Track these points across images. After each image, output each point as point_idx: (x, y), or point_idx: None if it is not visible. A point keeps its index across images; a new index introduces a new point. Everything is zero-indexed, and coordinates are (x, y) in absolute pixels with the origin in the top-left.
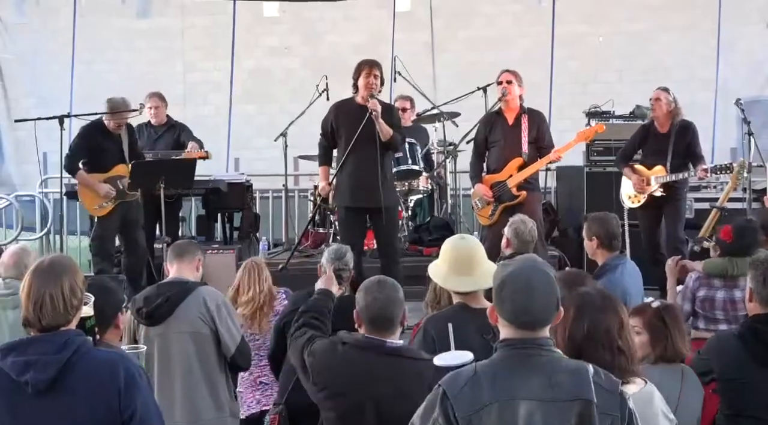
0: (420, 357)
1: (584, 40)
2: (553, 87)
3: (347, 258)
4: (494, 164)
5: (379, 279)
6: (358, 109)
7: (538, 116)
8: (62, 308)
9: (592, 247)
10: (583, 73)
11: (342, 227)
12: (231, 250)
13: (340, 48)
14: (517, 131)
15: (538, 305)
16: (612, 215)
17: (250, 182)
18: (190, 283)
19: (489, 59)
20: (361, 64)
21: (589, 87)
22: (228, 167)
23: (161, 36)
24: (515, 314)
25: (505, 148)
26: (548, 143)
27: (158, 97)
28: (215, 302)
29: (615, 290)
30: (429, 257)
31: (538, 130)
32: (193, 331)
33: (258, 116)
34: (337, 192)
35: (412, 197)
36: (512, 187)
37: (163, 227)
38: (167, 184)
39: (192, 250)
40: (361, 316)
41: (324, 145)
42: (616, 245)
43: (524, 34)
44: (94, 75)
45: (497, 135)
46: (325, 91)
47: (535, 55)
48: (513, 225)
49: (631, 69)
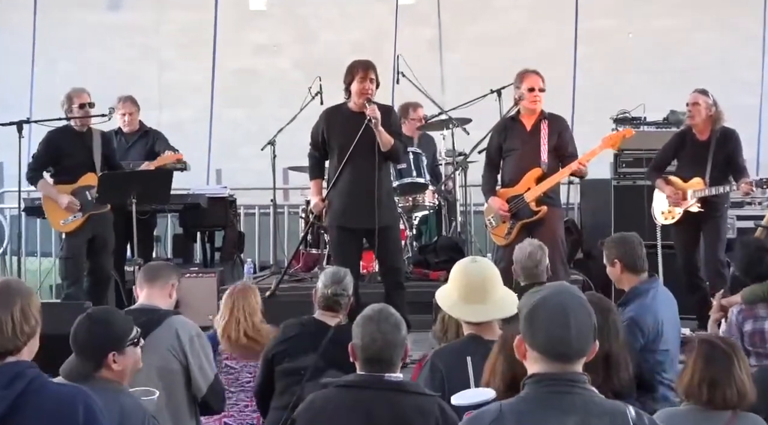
0: (423, 392)
1: (611, 37)
2: (576, 90)
3: (346, 283)
4: (510, 175)
5: (380, 312)
6: (352, 115)
7: (559, 121)
8: (10, 332)
9: (616, 273)
10: (610, 74)
11: (335, 249)
12: (212, 273)
13: (336, 46)
14: (536, 138)
15: (575, 334)
16: (632, 234)
17: (234, 197)
18: (161, 311)
19: (503, 58)
20: (353, 66)
21: (616, 90)
22: (209, 179)
23: (134, 32)
24: (550, 344)
25: (522, 158)
26: (571, 151)
27: (132, 102)
28: (188, 334)
29: (646, 317)
30: (436, 281)
31: (560, 137)
32: (162, 366)
33: (243, 122)
34: (329, 210)
35: (416, 213)
36: (530, 201)
37: (134, 247)
38: (140, 199)
39: (165, 273)
40: (357, 353)
41: (315, 156)
42: (642, 267)
43: (543, 30)
44: (58, 75)
45: (513, 143)
46: (319, 95)
47: (556, 53)
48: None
49: (664, 70)
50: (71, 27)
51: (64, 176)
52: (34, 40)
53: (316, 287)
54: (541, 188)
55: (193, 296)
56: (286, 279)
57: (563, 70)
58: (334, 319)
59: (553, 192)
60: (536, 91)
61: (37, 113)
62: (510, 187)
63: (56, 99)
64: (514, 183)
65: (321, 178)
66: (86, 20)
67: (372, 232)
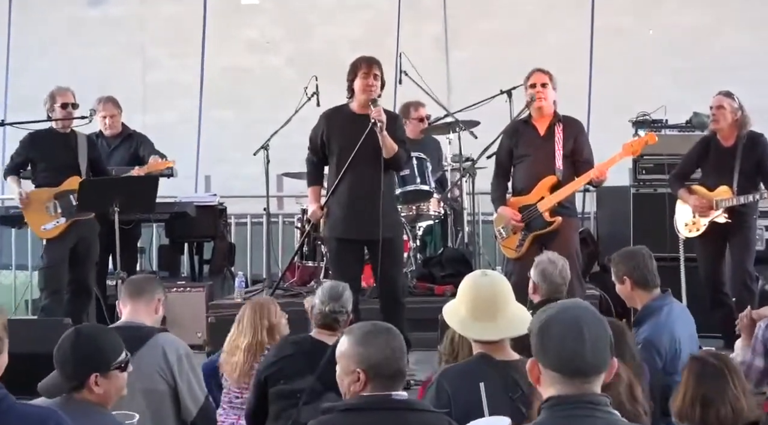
0: (431, 410)
1: (631, 34)
2: (593, 91)
3: (345, 299)
4: (521, 183)
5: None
6: (354, 118)
7: (575, 125)
8: None
9: (626, 290)
10: (630, 74)
11: (333, 262)
12: (200, 287)
13: (334, 43)
14: (550, 143)
15: (591, 347)
16: (640, 247)
17: (224, 205)
18: (147, 328)
19: (514, 57)
20: (356, 62)
21: (636, 91)
22: (197, 186)
23: (116, 27)
24: (564, 359)
25: (534, 164)
26: (587, 157)
27: (113, 103)
28: (176, 353)
29: (661, 336)
30: (441, 297)
31: (575, 142)
32: (148, 388)
33: (234, 125)
34: (327, 219)
35: (420, 223)
36: (544, 211)
37: (117, 259)
38: (123, 207)
39: (151, 287)
40: (367, 374)
41: (313, 161)
42: (653, 282)
43: (557, 26)
44: (35, 74)
45: (525, 148)
46: (315, 95)
47: (571, 51)
48: (539, 266)
49: (687, 69)
50: (49, 22)
51: (47, 179)
52: (9, 36)
53: (313, 303)
54: (555, 197)
55: (180, 313)
56: (280, 294)
57: (579, 70)
58: (332, 338)
59: (569, 201)
60: (537, 87)
61: (12, 115)
62: (522, 195)
63: (32, 99)
64: (527, 191)
65: (319, 185)
66: (65, 15)
67: (373, 243)
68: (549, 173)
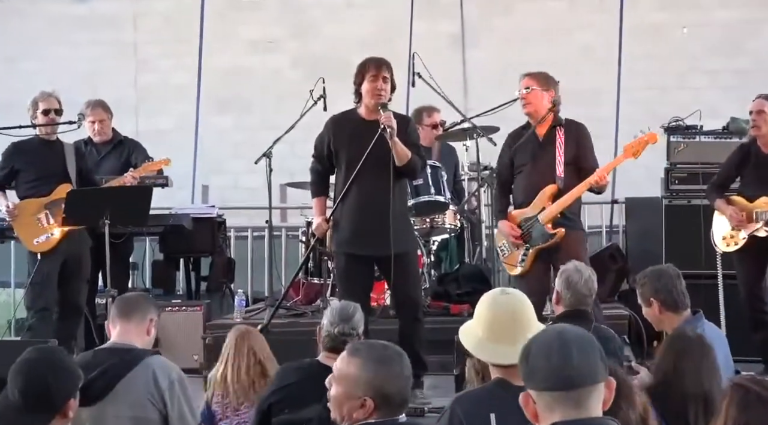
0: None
1: (663, 33)
2: (622, 94)
3: (356, 320)
4: (522, 194)
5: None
6: (363, 124)
7: (577, 128)
8: None
9: (654, 313)
10: (662, 75)
11: (341, 280)
12: (197, 306)
13: (342, 42)
14: (550, 149)
15: (578, 354)
16: (667, 266)
17: (223, 218)
18: (137, 351)
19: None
20: (363, 64)
21: (669, 94)
22: (194, 197)
23: (107, 25)
24: (553, 372)
25: (533, 173)
26: (592, 164)
27: (102, 108)
28: (168, 378)
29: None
30: (457, 316)
31: (578, 146)
32: (137, 415)
33: (234, 131)
34: (335, 233)
35: (435, 237)
36: (546, 223)
37: (107, 276)
38: (113, 219)
39: (142, 306)
40: (377, 400)
41: (318, 170)
42: (683, 303)
43: (583, 24)
44: (19, 76)
45: (524, 157)
46: (322, 99)
47: (598, 52)
48: (564, 274)
49: (724, 70)
50: (33, 21)
51: (34, 190)
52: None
53: (321, 324)
54: (557, 207)
55: (175, 334)
56: (283, 313)
57: (606, 71)
58: None
59: (572, 212)
60: (521, 90)
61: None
62: (522, 208)
63: (16, 104)
64: (527, 203)
65: (325, 196)
66: (50, 13)
67: (384, 259)
68: (549, 182)
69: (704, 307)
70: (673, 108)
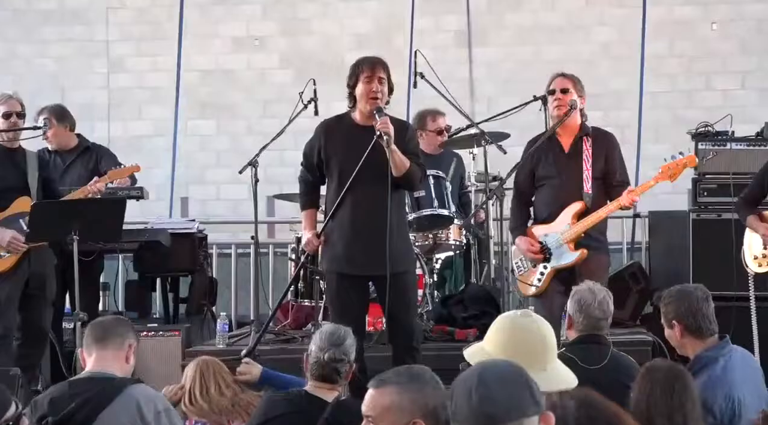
0: None
1: (690, 29)
2: (645, 96)
3: (347, 345)
4: (544, 209)
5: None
6: (357, 130)
7: (606, 139)
8: None
9: (676, 337)
10: (689, 76)
11: (333, 301)
12: (175, 331)
13: (336, 39)
14: (577, 161)
15: (502, 392)
16: (695, 287)
17: (205, 233)
18: (118, 380)
19: (551, 56)
20: (357, 64)
21: (697, 97)
22: (172, 210)
23: (75, 21)
24: (473, 411)
25: (559, 187)
26: (620, 179)
27: (52, 113)
28: (154, 409)
29: (715, 394)
30: (463, 342)
31: (607, 160)
32: None
33: (216, 137)
34: (326, 250)
35: (438, 255)
36: (568, 242)
37: (76, 297)
38: (83, 235)
39: (120, 331)
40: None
41: (307, 180)
42: (708, 329)
43: (602, 19)
44: None
45: (548, 169)
46: (313, 102)
47: (619, 49)
48: (576, 295)
49: (758, 70)
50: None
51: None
52: None
53: (309, 350)
54: (581, 226)
55: (151, 362)
56: (271, 338)
57: (628, 71)
58: (331, 393)
59: (599, 232)
60: (557, 94)
61: None
62: (545, 223)
63: None
64: (551, 219)
65: (316, 208)
66: (14, 5)
67: (380, 279)
68: (575, 199)
69: (736, 332)
70: (701, 112)
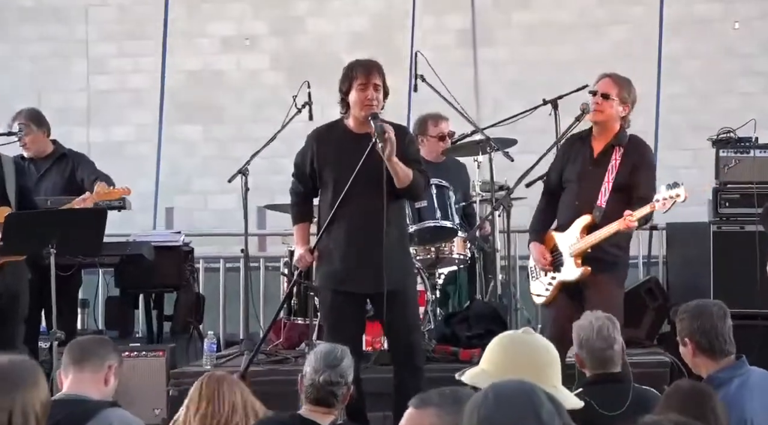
0: None
1: (711, 28)
2: (662, 100)
3: (344, 366)
4: (563, 215)
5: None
6: (351, 137)
7: (638, 150)
8: None
9: (688, 354)
10: (710, 78)
11: (329, 320)
12: (159, 351)
13: (331, 39)
14: (601, 170)
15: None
16: (712, 303)
17: (191, 246)
18: (92, 403)
19: (562, 57)
20: (350, 69)
21: (718, 100)
22: (156, 221)
23: (53, 19)
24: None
25: (579, 193)
26: (643, 194)
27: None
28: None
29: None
30: (467, 363)
31: (633, 173)
32: None
33: (203, 143)
34: (321, 265)
35: (441, 270)
36: (574, 256)
37: (53, 315)
38: (60, 248)
39: (100, 351)
40: None
41: (299, 192)
42: (722, 349)
43: (617, 17)
44: None
45: (573, 172)
46: (307, 106)
47: (634, 49)
48: (575, 332)
49: None
50: None
51: None
52: None
53: (304, 372)
54: (585, 243)
55: (133, 384)
56: (262, 359)
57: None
58: (327, 417)
59: (616, 246)
60: (597, 97)
61: None
62: (562, 230)
63: None
64: (566, 226)
65: (308, 221)
66: None
67: (379, 296)
68: (589, 209)
69: (759, 352)
70: (722, 117)
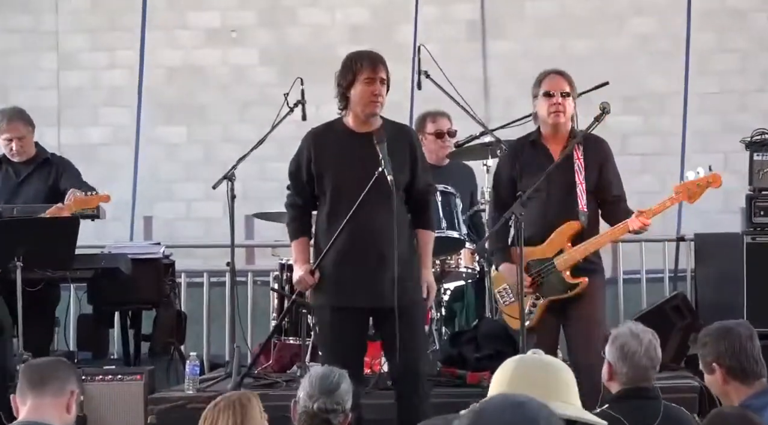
0: None
1: (742, 21)
2: (690, 99)
3: (341, 392)
4: (531, 228)
5: None
6: (351, 138)
7: (599, 147)
8: None
9: (717, 381)
10: (741, 76)
11: (326, 340)
12: (137, 375)
13: (327, 31)
14: (568, 174)
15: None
16: (736, 324)
17: (172, 259)
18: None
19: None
20: (355, 60)
21: (750, 99)
22: (133, 231)
23: (20, 8)
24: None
25: (547, 202)
26: (617, 193)
27: (22, 120)
28: None
29: None
30: (475, 387)
31: (601, 171)
32: None
33: (185, 146)
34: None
35: (447, 285)
36: (563, 270)
37: (19, 334)
38: (29, 261)
39: (60, 375)
40: None
41: (297, 204)
42: (753, 371)
43: (641, 8)
44: None
45: (533, 180)
46: (300, 105)
47: (658, 45)
48: (617, 341)
49: None
50: None
51: None
52: None
53: (297, 397)
54: (578, 253)
55: (108, 410)
56: (250, 383)
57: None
58: None
59: (594, 254)
60: (556, 97)
61: None
62: (532, 245)
63: None
64: (536, 240)
65: (308, 237)
66: None
67: (382, 313)
68: (566, 216)
69: None
70: (756, 117)
